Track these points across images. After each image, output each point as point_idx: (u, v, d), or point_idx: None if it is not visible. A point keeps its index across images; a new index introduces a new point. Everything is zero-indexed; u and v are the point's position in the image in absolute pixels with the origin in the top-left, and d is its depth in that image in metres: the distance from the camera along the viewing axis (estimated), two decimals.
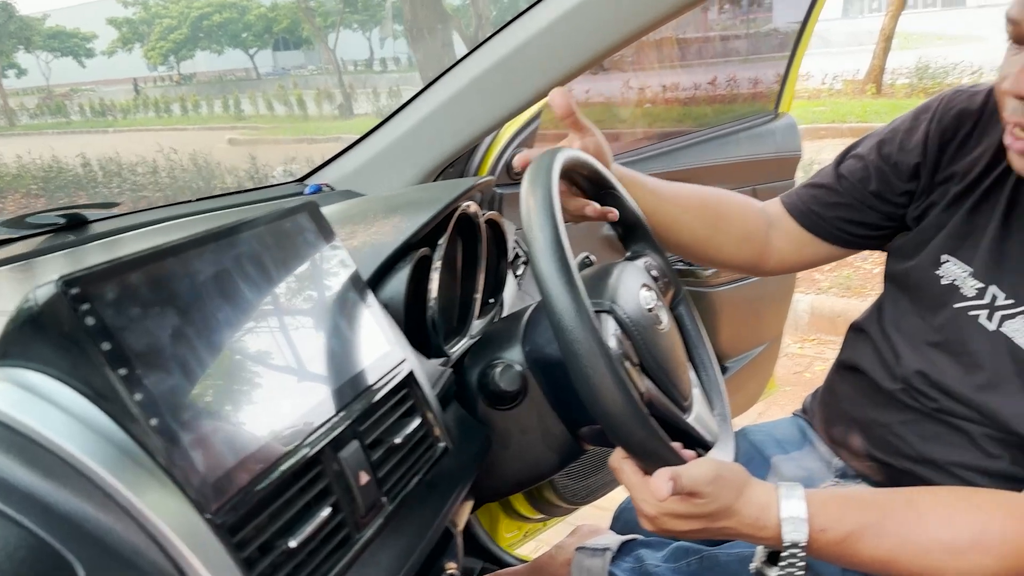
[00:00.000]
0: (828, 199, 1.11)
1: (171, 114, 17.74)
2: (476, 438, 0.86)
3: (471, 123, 1.32)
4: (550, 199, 0.80)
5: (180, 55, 25.98)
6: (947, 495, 0.83)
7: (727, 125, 2.14)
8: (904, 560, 0.77)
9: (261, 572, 0.53)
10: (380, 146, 1.38)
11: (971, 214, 0.98)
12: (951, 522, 0.78)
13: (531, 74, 1.24)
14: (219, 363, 0.57)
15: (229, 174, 7.37)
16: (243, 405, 0.57)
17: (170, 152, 7.37)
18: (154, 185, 7.26)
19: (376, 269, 0.83)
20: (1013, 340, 0.90)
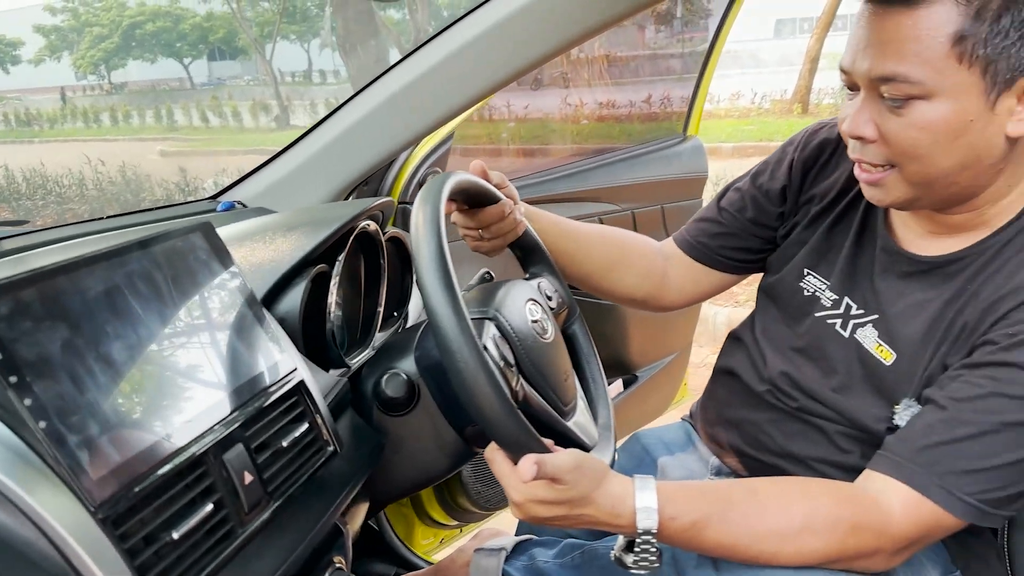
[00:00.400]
0: (713, 231, 1.23)
1: (101, 124, 17.32)
2: (368, 443, 0.92)
3: (384, 142, 1.38)
4: (437, 217, 0.87)
5: (111, 64, 25.40)
6: (786, 484, 0.92)
7: (638, 147, 2.24)
8: (744, 545, 0.86)
9: (144, 562, 0.59)
10: (294, 164, 1.43)
11: (829, 232, 1.10)
12: (786, 509, 0.87)
13: (443, 94, 1.30)
14: (108, 373, 0.62)
15: (159, 186, 7.26)
16: (130, 410, 0.63)
17: (98, 164, 7.23)
18: (80, 198, 7.11)
19: (272, 285, 0.89)
20: (863, 345, 1.00)
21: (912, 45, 0.83)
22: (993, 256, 0.92)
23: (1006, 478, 0.85)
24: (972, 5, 0.81)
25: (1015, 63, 0.82)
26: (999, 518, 0.87)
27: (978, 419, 0.85)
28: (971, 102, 0.84)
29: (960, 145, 0.86)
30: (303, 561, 0.75)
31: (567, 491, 0.83)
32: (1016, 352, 0.85)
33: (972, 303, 0.92)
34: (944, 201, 0.93)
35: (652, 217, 2.19)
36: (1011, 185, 0.92)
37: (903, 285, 0.99)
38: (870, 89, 0.89)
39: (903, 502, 0.86)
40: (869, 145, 0.91)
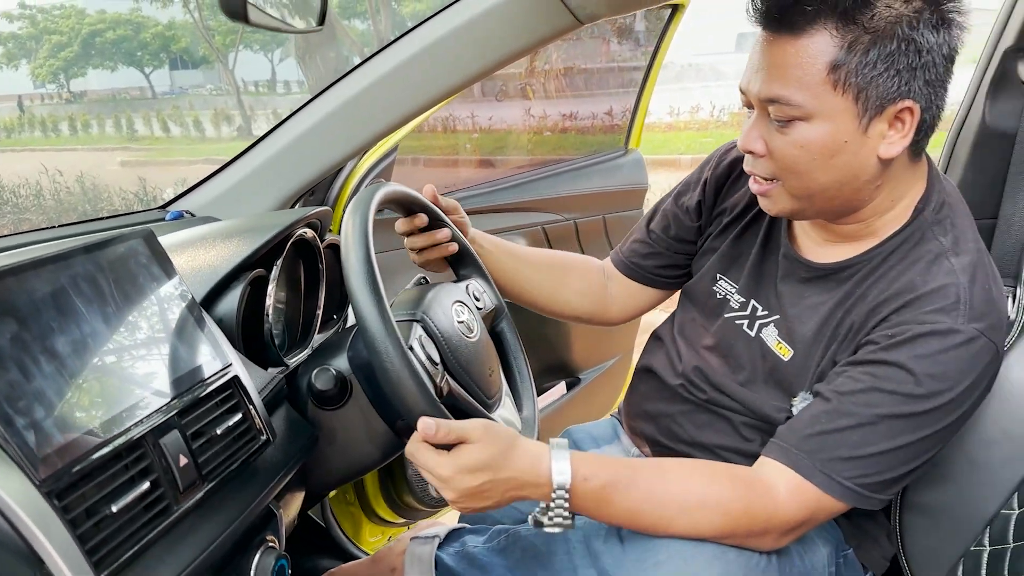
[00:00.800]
0: (643, 251, 1.35)
1: (60, 134, 17.10)
2: (302, 435, 1.00)
3: (327, 154, 1.45)
4: (365, 226, 0.96)
5: (71, 73, 25.04)
6: (690, 464, 1.01)
7: (581, 159, 2.34)
8: (646, 511, 0.95)
9: (85, 531, 0.66)
10: (240, 174, 1.50)
11: (737, 241, 1.20)
12: (687, 485, 0.96)
13: (384, 108, 1.38)
14: (54, 364, 0.70)
15: (118, 196, 7.24)
16: (74, 398, 0.70)
17: (55, 174, 7.18)
18: (37, 208, 7.06)
19: (211, 289, 0.97)
20: (766, 343, 1.11)
21: (794, 71, 0.93)
22: (879, 264, 1.03)
23: (881, 465, 0.95)
24: (846, 38, 0.91)
25: (883, 92, 0.92)
26: (876, 501, 0.97)
27: (858, 411, 0.95)
28: (845, 125, 0.94)
29: (836, 164, 0.96)
30: (236, 538, 0.82)
31: (484, 450, 0.89)
32: (894, 352, 0.95)
33: (859, 306, 1.02)
34: (829, 213, 1.04)
35: (594, 227, 2.28)
36: (894, 200, 1.02)
37: (801, 289, 1.10)
38: (761, 108, 0.99)
39: (789, 486, 0.96)
40: (759, 159, 1.01)
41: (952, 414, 0.95)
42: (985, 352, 0.94)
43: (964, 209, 1.05)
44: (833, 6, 0.90)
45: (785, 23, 0.93)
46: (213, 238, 1.05)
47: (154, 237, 0.87)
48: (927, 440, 0.95)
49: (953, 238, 1.00)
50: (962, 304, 0.94)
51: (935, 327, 0.93)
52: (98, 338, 0.75)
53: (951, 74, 0.96)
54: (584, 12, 1.15)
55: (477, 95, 5.60)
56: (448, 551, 1.15)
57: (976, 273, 0.97)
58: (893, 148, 0.95)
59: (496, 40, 1.21)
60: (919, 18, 0.91)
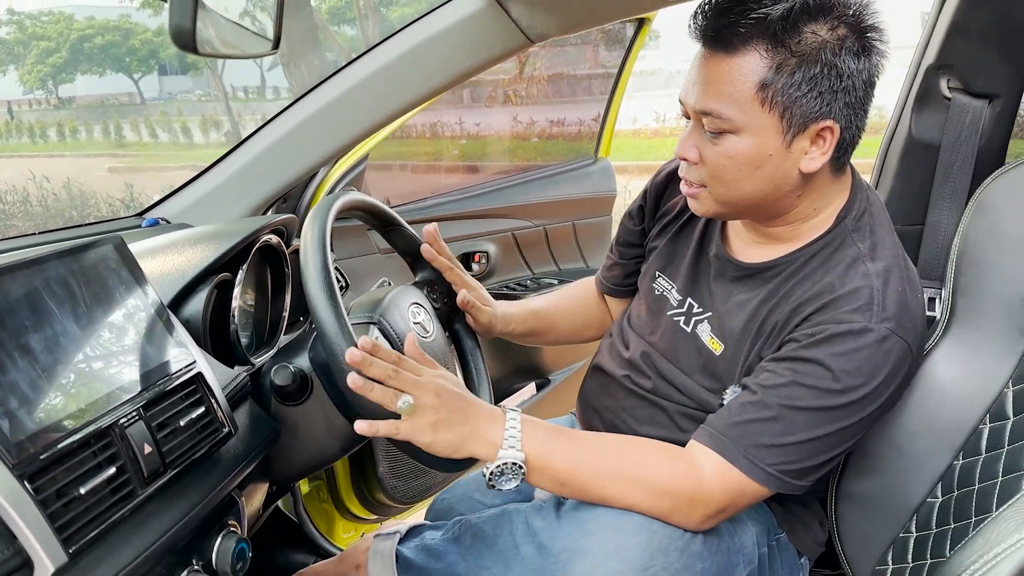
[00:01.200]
0: (609, 264, 1.45)
1: (48, 140, 17.07)
2: (264, 428, 1.07)
3: (296, 163, 1.53)
4: (323, 235, 1.03)
5: (59, 78, 24.97)
6: (628, 439, 1.11)
7: (551, 167, 2.42)
8: (583, 468, 1.04)
9: (55, 511, 0.72)
10: (215, 182, 1.57)
11: (674, 241, 1.28)
12: (621, 454, 1.05)
13: (353, 118, 1.45)
14: (27, 360, 0.76)
15: (104, 203, 7.28)
16: (46, 390, 0.77)
17: (43, 180, 7.22)
18: (24, 214, 7.10)
19: (178, 292, 1.04)
20: (700, 338, 1.18)
21: (726, 87, 1.01)
22: (801, 265, 1.11)
23: (801, 453, 1.03)
24: (774, 60, 0.99)
25: (806, 111, 1.00)
26: (797, 487, 1.05)
27: (780, 403, 1.03)
28: (771, 140, 1.02)
29: (760, 175, 1.04)
30: (198, 522, 0.89)
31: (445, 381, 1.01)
32: (813, 349, 1.03)
33: (782, 304, 1.10)
34: (753, 216, 1.12)
35: (564, 232, 2.36)
36: (817, 208, 1.11)
37: (731, 287, 1.18)
38: (696, 119, 1.07)
39: (714, 467, 1.03)
40: (692, 167, 1.09)
41: (867, 408, 1.03)
42: (896, 349, 1.02)
43: (884, 217, 1.14)
44: (764, 29, 0.98)
45: (720, 42, 1.01)
46: (182, 244, 1.12)
47: (124, 244, 0.94)
48: (844, 431, 1.03)
49: (871, 244, 1.08)
50: (875, 305, 1.02)
51: (851, 327, 1.01)
52: (69, 336, 0.82)
53: (871, 97, 1.04)
54: (535, 32, 1.23)
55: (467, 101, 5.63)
56: (409, 545, 1.21)
57: (890, 277, 1.05)
58: (813, 163, 1.04)
59: (452, 58, 1.29)
60: (842, 45, 0.99)
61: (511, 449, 1.00)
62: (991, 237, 1.19)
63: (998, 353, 1.18)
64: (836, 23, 0.99)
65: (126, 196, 7.11)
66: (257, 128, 1.52)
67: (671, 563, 1.01)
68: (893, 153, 1.36)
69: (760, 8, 0.97)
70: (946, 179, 1.28)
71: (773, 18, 0.97)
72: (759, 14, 0.97)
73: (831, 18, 0.99)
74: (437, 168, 5.81)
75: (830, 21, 0.99)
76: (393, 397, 0.95)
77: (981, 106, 1.25)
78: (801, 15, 0.98)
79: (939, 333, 1.24)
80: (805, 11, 0.98)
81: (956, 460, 1.19)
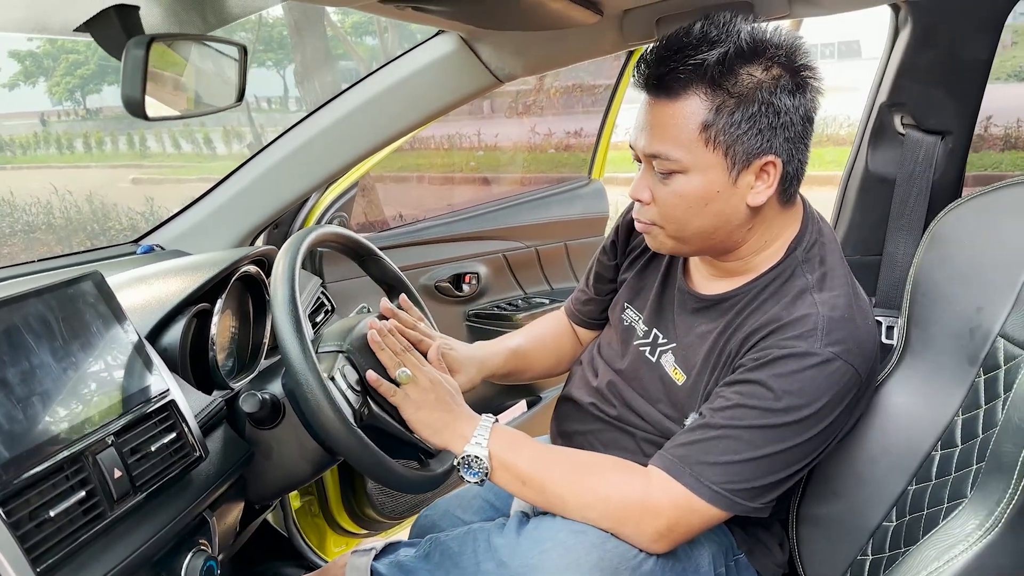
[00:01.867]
0: (582, 298, 1.49)
1: (74, 151, 17.34)
2: (237, 452, 1.13)
3: (287, 190, 1.60)
4: (292, 269, 1.09)
5: (87, 90, 25.34)
6: (589, 455, 1.18)
7: (542, 189, 2.48)
8: (544, 478, 1.11)
9: (26, 532, 0.79)
10: (208, 210, 1.64)
11: (642, 274, 1.33)
12: (579, 468, 1.13)
13: (332, 153, 1.52)
14: (3, 392, 0.83)
15: (125, 216, 7.44)
16: (20, 420, 0.83)
17: (65, 193, 7.39)
18: (48, 227, 7.27)
19: (157, 322, 1.10)
20: (664, 368, 1.23)
21: (671, 130, 1.07)
22: (754, 296, 1.15)
23: (747, 472, 1.07)
24: (714, 102, 1.04)
25: (748, 148, 1.06)
26: (749, 508, 1.08)
27: (725, 423, 1.08)
28: (717, 177, 1.08)
29: (710, 210, 1.09)
30: (168, 541, 0.96)
31: (438, 380, 1.18)
32: (758, 372, 1.07)
33: (736, 334, 1.14)
34: (707, 251, 1.17)
35: (556, 252, 2.41)
36: (767, 241, 1.15)
37: (693, 319, 1.22)
38: (647, 162, 1.12)
39: (660, 483, 1.09)
40: (645, 207, 1.15)
41: (812, 428, 1.07)
42: (841, 373, 1.06)
43: (835, 248, 1.18)
44: (702, 74, 1.04)
45: (663, 88, 1.07)
46: (163, 275, 1.18)
47: (103, 280, 1.01)
48: (791, 451, 1.07)
49: (820, 274, 1.13)
50: (819, 331, 1.06)
51: (792, 350, 1.06)
52: (46, 369, 0.89)
53: (810, 132, 1.10)
54: (503, 73, 1.29)
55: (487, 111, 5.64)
56: (383, 562, 1.27)
57: (837, 304, 1.09)
58: (760, 197, 1.09)
59: (427, 96, 1.35)
60: (776, 84, 1.05)
61: (476, 445, 1.10)
62: (943, 268, 1.23)
63: (949, 382, 1.21)
64: (769, 64, 1.05)
65: (145, 210, 7.26)
66: (246, 160, 1.59)
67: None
68: (852, 186, 1.41)
69: (697, 55, 1.03)
70: (902, 211, 1.32)
71: (710, 63, 1.03)
72: (696, 60, 1.03)
73: (764, 60, 1.05)
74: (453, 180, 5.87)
75: (764, 63, 1.05)
76: (396, 364, 1.16)
77: (934, 142, 1.29)
78: (736, 59, 1.04)
79: (895, 361, 1.28)
80: (740, 55, 1.04)
81: (910, 485, 1.23)
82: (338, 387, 1.09)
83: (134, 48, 0.77)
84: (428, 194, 5.55)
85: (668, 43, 1.07)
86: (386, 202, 3.13)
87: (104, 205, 7.54)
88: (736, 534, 1.26)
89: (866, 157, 1.37)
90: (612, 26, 1.25)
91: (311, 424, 1.14)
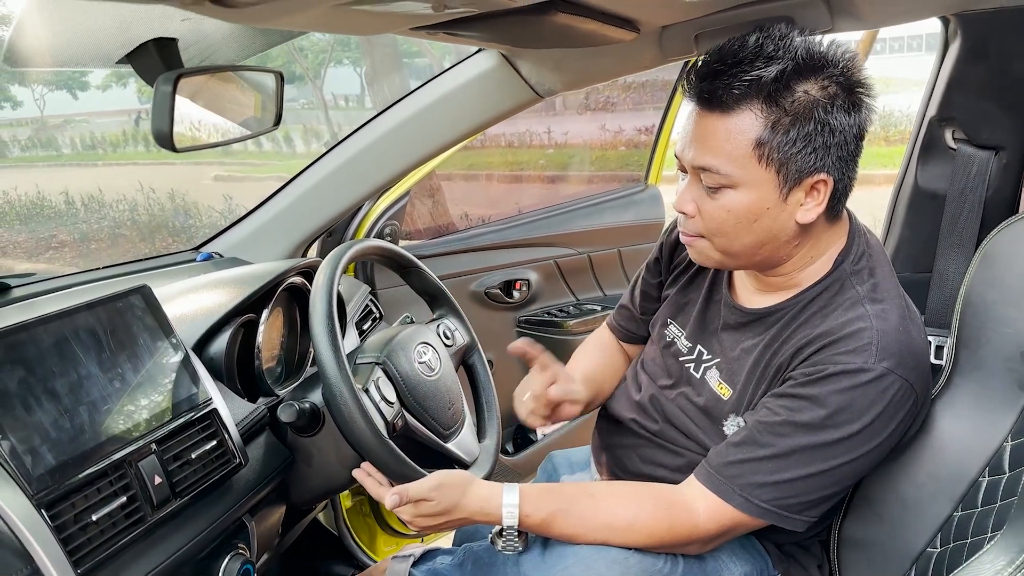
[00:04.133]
0: (626, 315, 1.49)
1: (161, 149, 17.94)
2: (277, 458, 1.17)
3: (338, 201, 1.65)
4: (331, 282, 1.13)
5: None
6: (619, 488, 1.17)
7: (602, 194, 2.47)
8: (582, 535, 1.11)
9: (69, 535, 0.84)
10: (265, 217, 1.70)
11: (685, 290, 1.33)
12: (615, 510, 1.11)
13: (381, 165, 1.56)
14: (52, 402, 0.88)
15: (204, 213, 7.72)
16: (67, 428, 0.89)
17: (149, 191, 7.71)
18: (132, 223, 7.60)
19: (202, 334, 1.15)
20: (709, 384, 1.23)
21: (724, 144, 1.06)
22: (801, 310, 1.14)
23: (797, 489, 1.07)
24: (769, 119, 1.03)
25: (802, 166, 1.04)
26: (798, 521, 1.09)
27: (774, 442, 1.07)
28: (768, 194, 1.07)
29: (758, 227, 1.09)
30: (206, 545, 1.00)
31: (437, 505, 1.10)
32: (810, 387, 1.06)
33: (784, 348, 1.13)
34: (753, 266, 1.16)
35: (609, 259, 2.41)
36: (813, 256, 1.14)
37: (738, 334, 1.21)
38: (694, 174, 1.12)
39: (709, 506, 1.09)
40: (691, 219, 1.14)
41: (864, 445, 1.06)
42: (894, 387, 1.04)
43: (884, 260, 1.16)
44: (759, 90, 1.02)
45: (715, 102, 1.05)
46: (210, 287, 1.23)
47: (151, 292, 1.06)
48: (842, 468, 1.07)
49: (871, 286, 1.11)
50: (873, 345, 1.04)
51: (846, 367, 1.04)
52: (93, 380, 0.94)
53: (861, 149, 1.08)
54: (543, 88, 1.30)
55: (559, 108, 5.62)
56: (421, 568, 1.31)
57: (890, 317, 1.07)
58: (809, 214, 1.07)
59: (469, 111, 1.38)
60: (833, 103, 1.03)
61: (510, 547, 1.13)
62: (994, 289, 1.19)
63: (998, 406, 1.17)
64: (827, 82, 1.03)
65: (224, 208, 7.51)
66: (299, 172, 1.64)
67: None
68: (901, 201, 1.37)
69: (753, 70, 1.01)
70: (953, 228, 1.28)
71: (767, 79, 1.01)
72: (753, 76, 1.01)
73: (822, 77, 1.03)
74: (521, 179, 5.87)
75: (821, 80, 1.03)
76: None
77: (987, 157, 1.25)
78: (793, 75, 1.02)
79: (943, 383, 1.24)
80: (797, 71, 1.02)
81: (956, 511, 1.19)
82: (372, 399, 1.13)
83: (162, 84, 0.81)
84: (496, 192, 5.57)
85: (722, 56, 1.05)
86: (452, 201, 3.16)
87: (185, 203, 7.84)
88: (771, 554, 1.25)
89: (916, 172, 1.33)
90: (651, 42, 1.24)
91: (347, 438, 1.18)
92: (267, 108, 1.03)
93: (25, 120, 21.16)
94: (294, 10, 0.65)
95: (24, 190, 8.46)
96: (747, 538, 1.22)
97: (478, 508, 1.11)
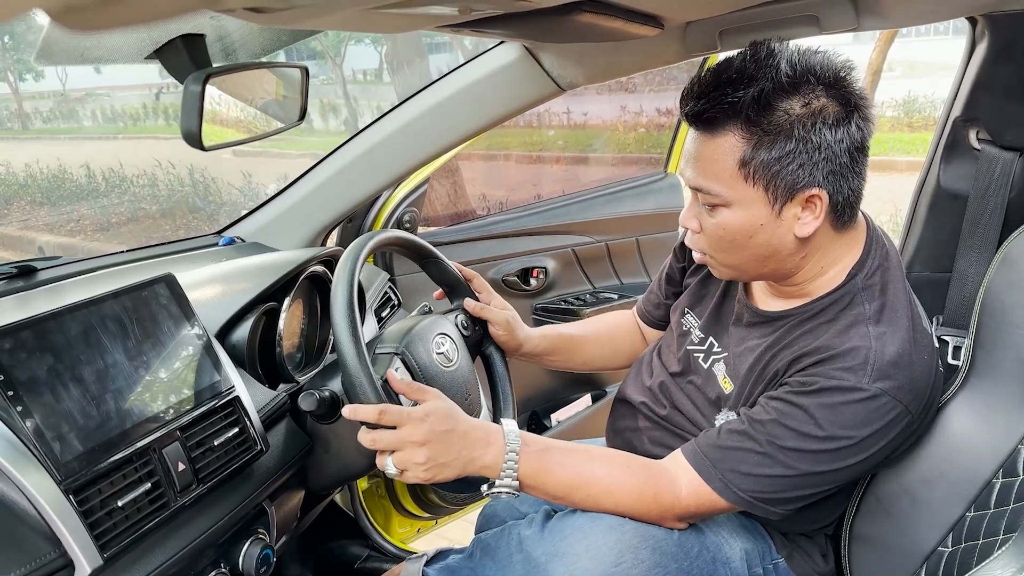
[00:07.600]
0: (652, 299, 1.52)
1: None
2: (297, 445, 1.19)
3: (359, 189, 1.66)
4: (352, 272, 1.14)
5: None
6: (613, 453, 1.20)
7: (620, 182, 2.47)
8: (575, 484, 1.12)
9: (95, 520, 0.86)
10: (287, 204, 1.72)
11: (705, 282, 1.35)
12: (608, 469, 1.14)
13: (401, 154, 1.57)
14: (80, 388, 0.90)
15: (224, 191, 7.76)
16: (93, 415, 0.91)
17: (168, 167, 7.75)
18: (152, 198, 7.65)
19: (225, 322, 1.17)
20: (715, 376, 1.25)
21: (712, 165, 1.08)
22: (807, 319, 1.15)
23: (776, 486, 1.10)
24: (751, 140, 1.05)
25: (790, 182, 1.05)
26: (772, 513, 1.12)
27: (762, 439, 1.10)
28: (759, 211, 1.08)
29: (755, 242, 1.10)
30: (227, 529, 1.02)
31: (429, 423, 1.06)
32: (803, 398, 1.08)
33: (784, 352, 1.15)
34: (763, 278, 1.18)
35: (627, 248, 2.41)
36: (824, 267, 1.15)
37: (746, 332, 1.23)
38: (694, 192, 1.13)
39: (691, 483, 1.12)
40: (695, 235, 1.16)
41: (851, 457, 1.07)
42: (888, 409, 1.05)
43: (899, 275, 1.15)
44: (737, 112, 1.04)
45: (703, 123, 1.08)
46: (233, 275, 1.25)
47: (175, 281, 1.08)
48: (826, 474, 1.09)
49: (879, 304, 1.11)
50: (869, 366, 1.05)
51: (840, 384, 1.05)
52: (119, 368, 0.96)
53: (860, 159, 1.07)
54: (565, 81, 1.30)
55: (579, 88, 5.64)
56: (435, 567, 1.34)
57: (892, 339, 1.07)
58: (807, 228, 1.08)
59: (491, 103, 1.38)
60: (815, 120, 1.03)
61: (507, 479, 1.10)
62: (1013, 291, 1.18)
63: (1014, 408, 1.18)
64: (811, 98, 1.03)
65: (243, 185, 7.55)
66: (321, 159, 1.66)
67: (642, 560, 1.08)
68: (923, 201, 1.37)
69: (734, 93, 1.03)
70: (974, 229, 1.28)
71: (745, 101, 1.02)
72: (733, 99, 1.03)
73: (804, 94, 1.03)
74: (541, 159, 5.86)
75: (804, 97, 1.03)
76: (384, 462, 1.07)
77: (1012, 158, 1.24)
78: (773, 95, 1.02)
79: (958, 383, 1.25)
80: (778, 90, 1.03)
81: (968, 512, 1.20)
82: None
83: (191, 84, 0.82)
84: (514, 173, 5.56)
85: (709, 78, 1.07)
86: (470, 182, 3.17)
87: (204, 179, 7.88)
88: (775, 538, 1.27)
89: (939, 172, 1.33)
90: (675, 37, 1.24)
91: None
92: (292, 102, 1.04)
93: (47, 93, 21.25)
94: (322, 13, 0.66)
95: (46, 163, 8.53)
96: (750, 520, 1.25)
97: (482, 435, 1.08)
